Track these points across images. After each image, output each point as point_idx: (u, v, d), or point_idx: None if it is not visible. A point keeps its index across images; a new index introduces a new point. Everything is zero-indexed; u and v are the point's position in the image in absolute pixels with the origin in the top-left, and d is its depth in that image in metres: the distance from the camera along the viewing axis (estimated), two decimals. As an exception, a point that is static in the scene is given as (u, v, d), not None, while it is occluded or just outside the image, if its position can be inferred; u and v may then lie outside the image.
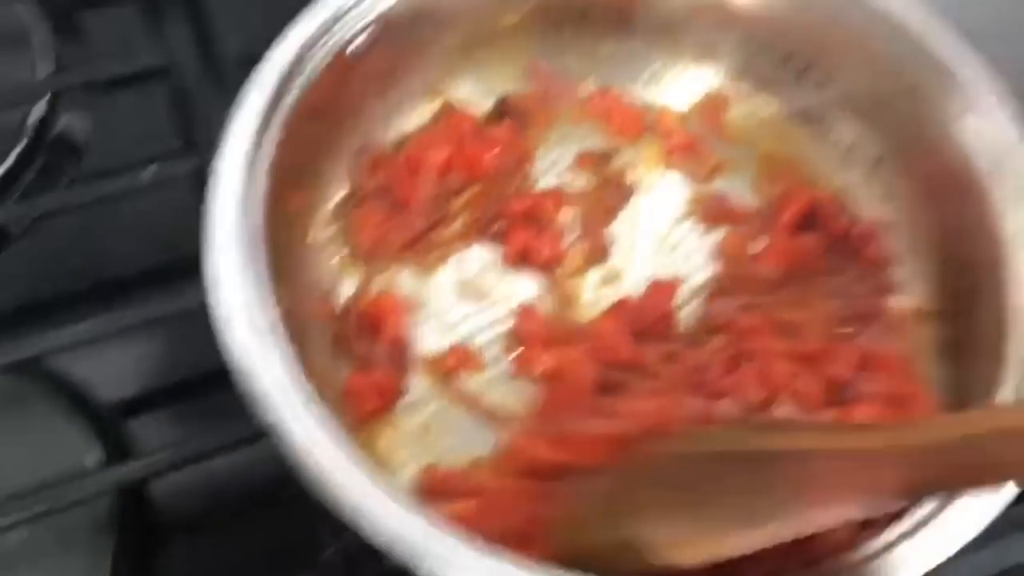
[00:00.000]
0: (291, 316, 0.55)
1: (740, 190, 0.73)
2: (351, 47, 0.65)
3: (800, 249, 0.68)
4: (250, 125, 0.58)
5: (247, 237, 0.56)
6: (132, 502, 0.66)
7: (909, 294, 0.67)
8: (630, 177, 0.73)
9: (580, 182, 0.72)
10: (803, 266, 0.68)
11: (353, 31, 0.64)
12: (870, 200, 0.71)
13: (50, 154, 0.79)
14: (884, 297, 0.66)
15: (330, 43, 0.63)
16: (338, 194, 0.68)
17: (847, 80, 0.71)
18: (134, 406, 0.72)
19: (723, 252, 0.70)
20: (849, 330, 0.64)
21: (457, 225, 0.69)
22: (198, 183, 0.63)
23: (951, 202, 0.66)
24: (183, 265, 0.66)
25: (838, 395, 0.62)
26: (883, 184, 0.71)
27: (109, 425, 0.70)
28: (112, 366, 0.72)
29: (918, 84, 0.67)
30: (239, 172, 0.57)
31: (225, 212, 0.56)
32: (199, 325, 0.63)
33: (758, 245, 0.69)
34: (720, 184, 0.73)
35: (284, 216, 0.60)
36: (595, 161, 0.74)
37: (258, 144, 0.58)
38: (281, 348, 0.53)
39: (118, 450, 0.68)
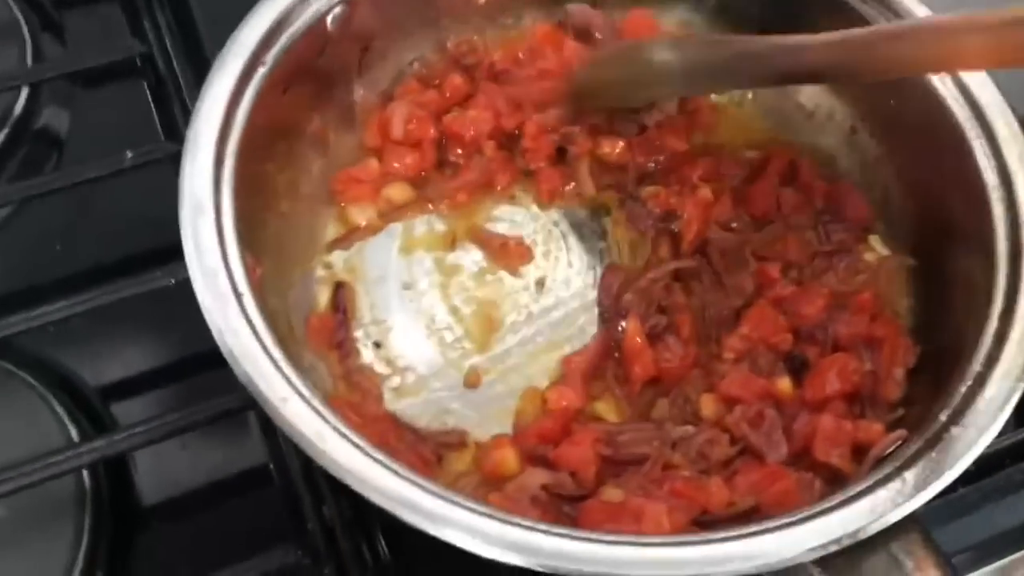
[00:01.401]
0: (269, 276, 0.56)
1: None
2: (330, 16, 0.65)
3: (782, 198, 0.70)
4: (225, 90, 0.59)
5: (218, 204, 0.56)
6: (114, 482, 0.66)
7: (888, 246, 0.68)
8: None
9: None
10: (784, 214, 0.69)
11: (329, 3, 0.64)
12: (849, 166, 0.72)
13: (32, 146, 0.79)
14: (860, 245, 0.68)
15: (306, 14, 0.63)
16: (316, 161, 0.69)
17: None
18: (118, 390, 0.71)
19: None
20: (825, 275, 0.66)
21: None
22: (179, 168, 0.63)
23: (929, 156, 0.66)
24: (166, 249, 0.67)
25: (812, 336, 0.62)
26: (859, 151, 0.71)
27: (91, 407, 0.69)
28: (96, 352, 0.72)
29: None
30: (212, 140, 0.57)
31: (197, 179, 0.56)
32: (181, 308, 0.64)
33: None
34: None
35: (261, 178, 0.61)
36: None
37: (232, 110, 0.58)
38: (250, 312, 0.53)
39: (100, 431, 0.67)
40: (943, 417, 0.53)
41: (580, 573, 0.47)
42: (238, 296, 0.53)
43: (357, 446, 0.49)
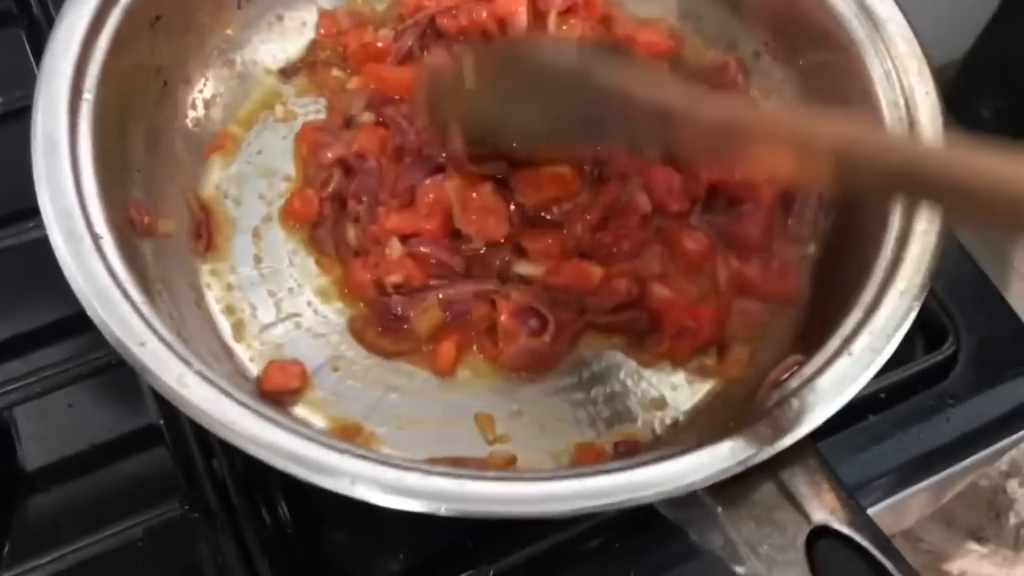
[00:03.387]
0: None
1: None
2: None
3: None
4: (83, 19, 0.55)
5: (74, 143, 0.53)
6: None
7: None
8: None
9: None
10: None
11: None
12: (753, 91, 0.70)
13: None
14: None
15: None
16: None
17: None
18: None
19: None
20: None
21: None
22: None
23: (830, 76, 0.64)
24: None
25: None
26: (763, 75, 0.69)
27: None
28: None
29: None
30: (67, 72, 0.54)
31: (50, 114, 0.53)
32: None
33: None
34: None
35: (130, 118, 0.57)
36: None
37: (92, 40, 0.55)
38: (109, 255, 0.50)
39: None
40: (838, 341, 0.52)
41: (474, 513, 0.45)
42: (95, 238, 0.49)
43: (223, 391, 0.46)
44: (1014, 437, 0.68)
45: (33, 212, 0.63)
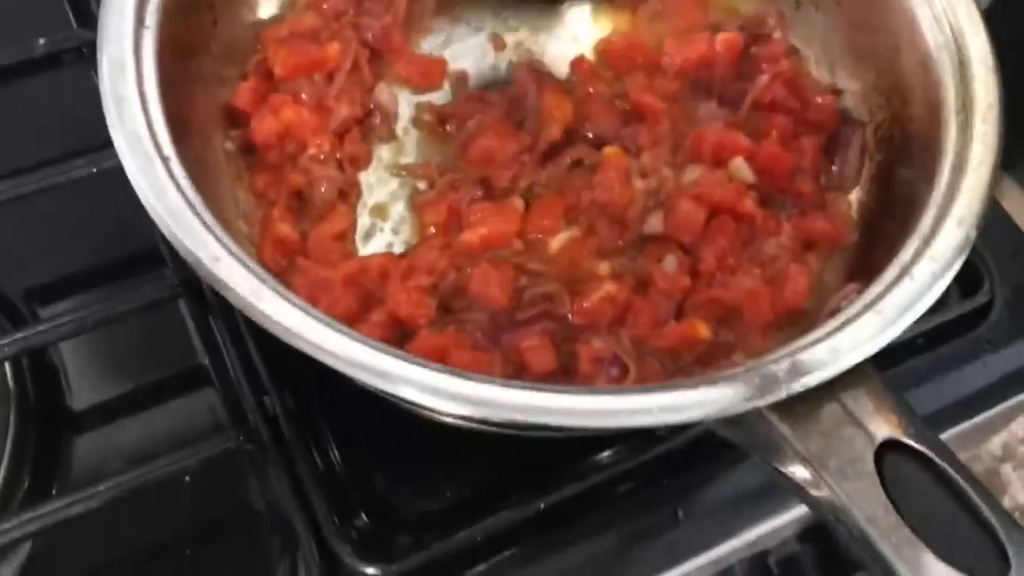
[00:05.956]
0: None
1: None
2: None
3: None
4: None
5: (139, 66, 0.52)
6: (43, 387, 0.63)
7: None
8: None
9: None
10: None
11: None
12: (797, 42, 0.70)
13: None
14: None
15: None
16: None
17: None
18: (44, 292, 0.67)
19: None
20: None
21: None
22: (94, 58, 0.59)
23: (876, 22, 0.64)
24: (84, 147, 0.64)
25: None
26: (806, 25, 0.70)
27: (15, 309, 0.66)
28: (19, 254, 0.68)
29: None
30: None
31: (115, 40, 0.53)
32: (106, 205, 0.61)
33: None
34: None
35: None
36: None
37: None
38: (177, 174, 0.50)
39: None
40: (897, 268, 0.52)
41: (532, 423, 0.46)
42: (164, 159, 0.50)
43: (298, 306, 0.46)
44: (1051, 382, 0.69)
45: (65, 157, 0.65)
